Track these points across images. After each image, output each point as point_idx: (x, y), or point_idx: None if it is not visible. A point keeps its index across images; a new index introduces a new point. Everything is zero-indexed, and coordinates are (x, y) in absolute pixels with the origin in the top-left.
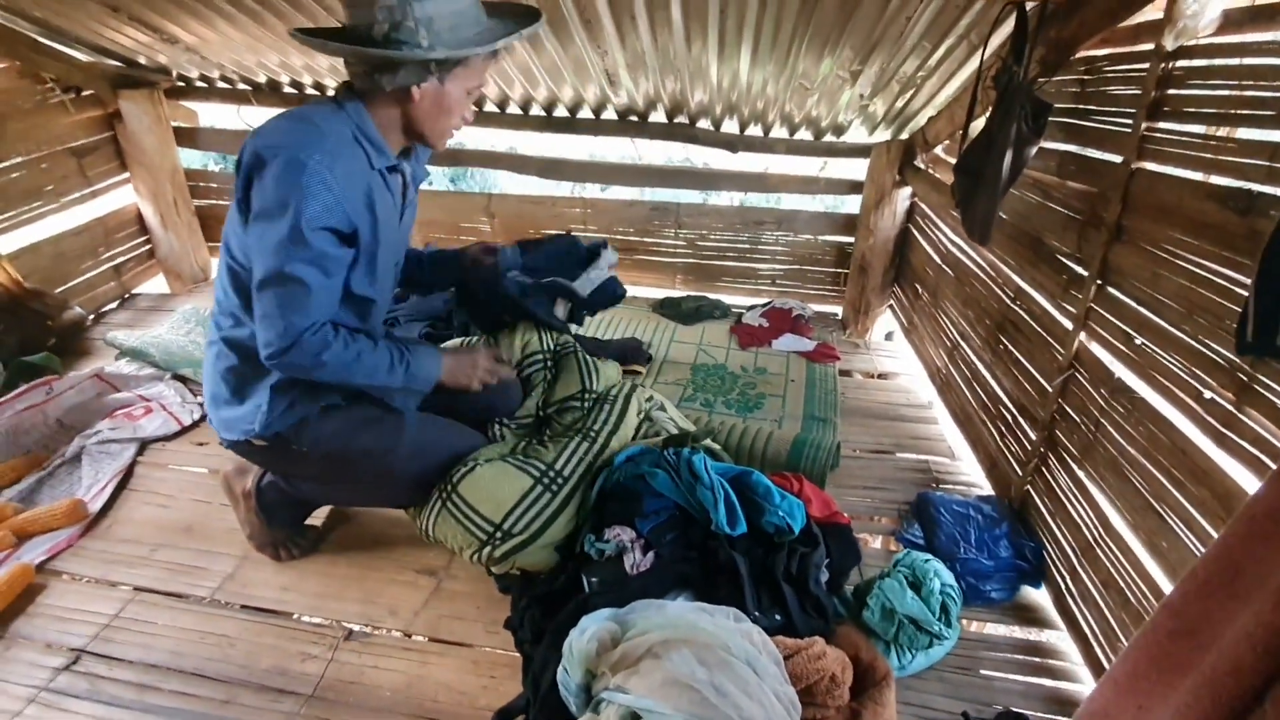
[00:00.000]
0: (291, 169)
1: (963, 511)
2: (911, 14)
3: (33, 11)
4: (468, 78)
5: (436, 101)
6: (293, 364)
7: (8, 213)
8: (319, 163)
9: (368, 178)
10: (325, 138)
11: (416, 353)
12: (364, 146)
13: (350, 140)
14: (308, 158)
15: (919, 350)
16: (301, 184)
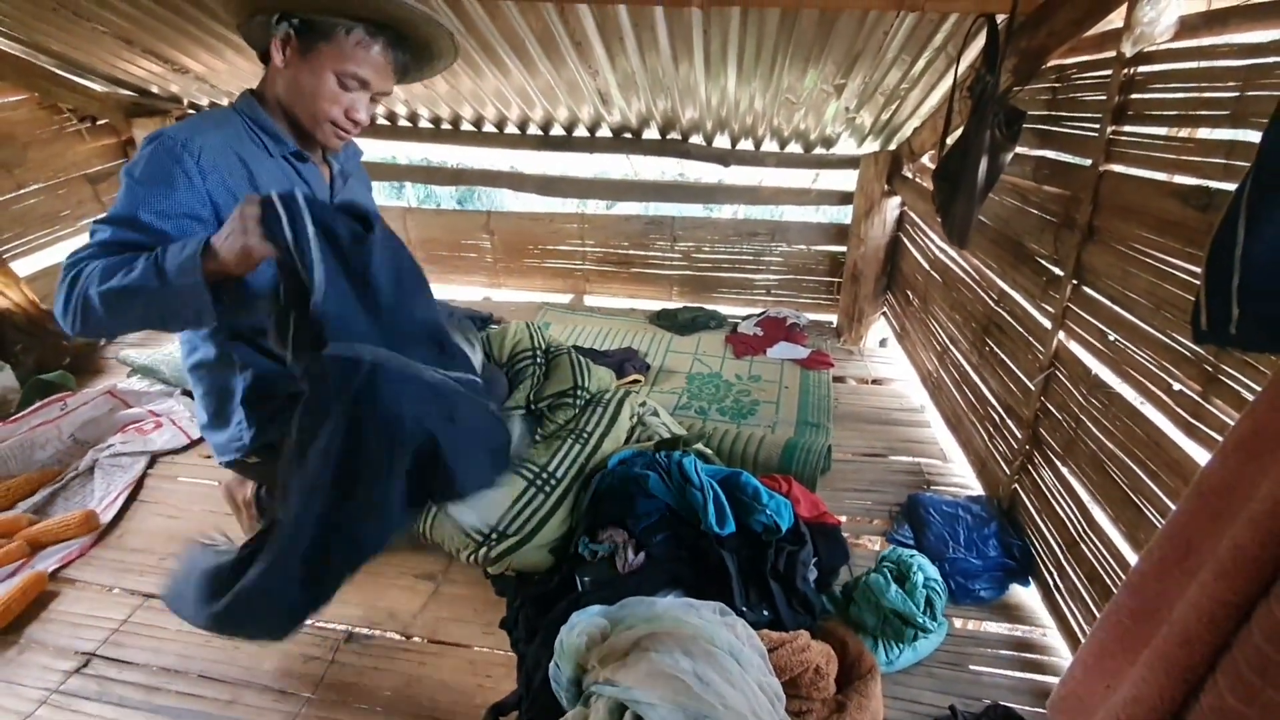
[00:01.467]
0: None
1: (951, 512)
2: (888, 29)
3: (51, 45)
4: (331, 57)
5: (296, 77)
6: (57, 309)
7: (26, 237)
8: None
9: (262, 167)
10: (201, 126)
11: (168, 257)
12: (257, 136)
13: (237, 132)
14: (168, 135)
15: (911, 355)
16: (144, 159)
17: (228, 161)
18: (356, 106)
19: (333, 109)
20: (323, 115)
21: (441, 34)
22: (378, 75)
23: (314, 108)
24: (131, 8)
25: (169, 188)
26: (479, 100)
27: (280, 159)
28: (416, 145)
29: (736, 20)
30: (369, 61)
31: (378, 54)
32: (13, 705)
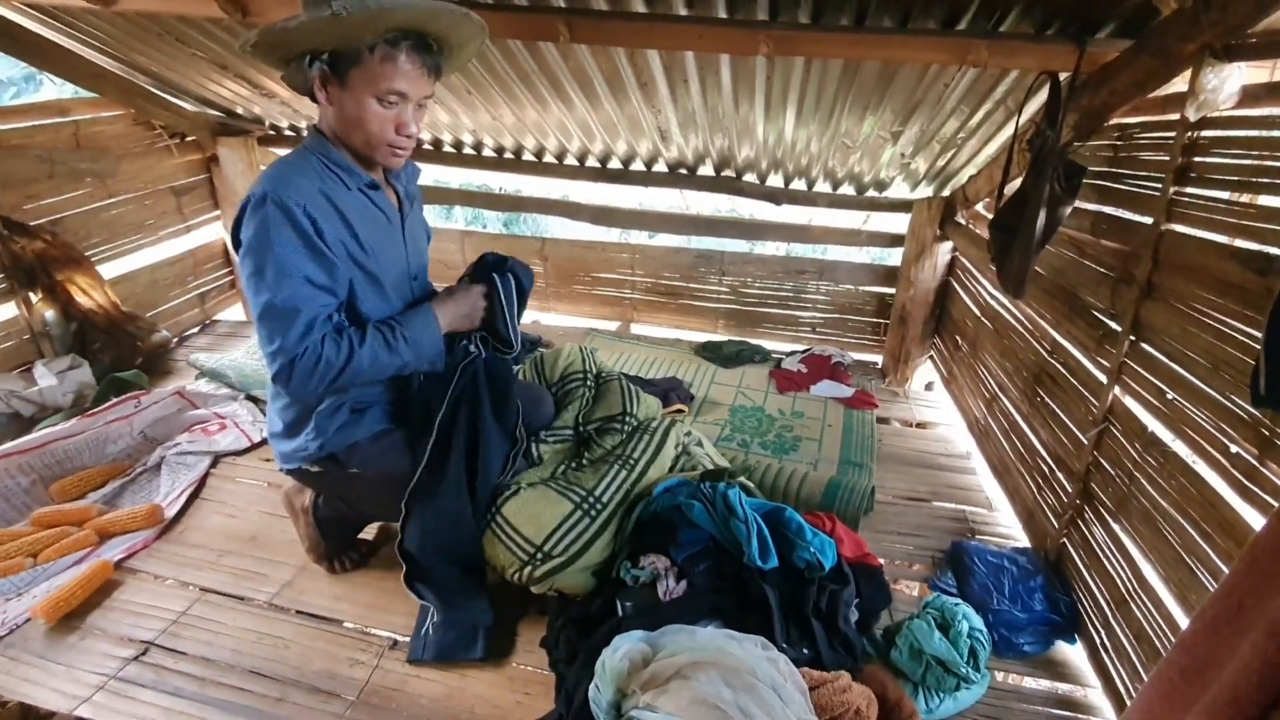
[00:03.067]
0: (256, 211)
1: (997, 562)
2: (949, 81)
3: (150, 66)
4: (362, 81)
5: (343, 109)
6: (299, 387)
7: (114, 242)
8: (282, 199)
9: (345, 201)
10: (289, 176)
11: (409, 320)
12: (334, 172)
13: (316, 171)
14: (264, 193)
15: (958, 400)
16: (268, 224)
17: (320, 203)
18: (403, 119)
19: (382, 130)
20: (375, 139)
21: (455, 20)
22: (412, 83)
23: (365, 134)
24: (229, 36)
25: (306, 246)
26: (542, 132)
27: (356, 191)
28: (476, 172)
29: (800, 67)
30: (399, 74)
31: (405, 63)
32: (72, 689)
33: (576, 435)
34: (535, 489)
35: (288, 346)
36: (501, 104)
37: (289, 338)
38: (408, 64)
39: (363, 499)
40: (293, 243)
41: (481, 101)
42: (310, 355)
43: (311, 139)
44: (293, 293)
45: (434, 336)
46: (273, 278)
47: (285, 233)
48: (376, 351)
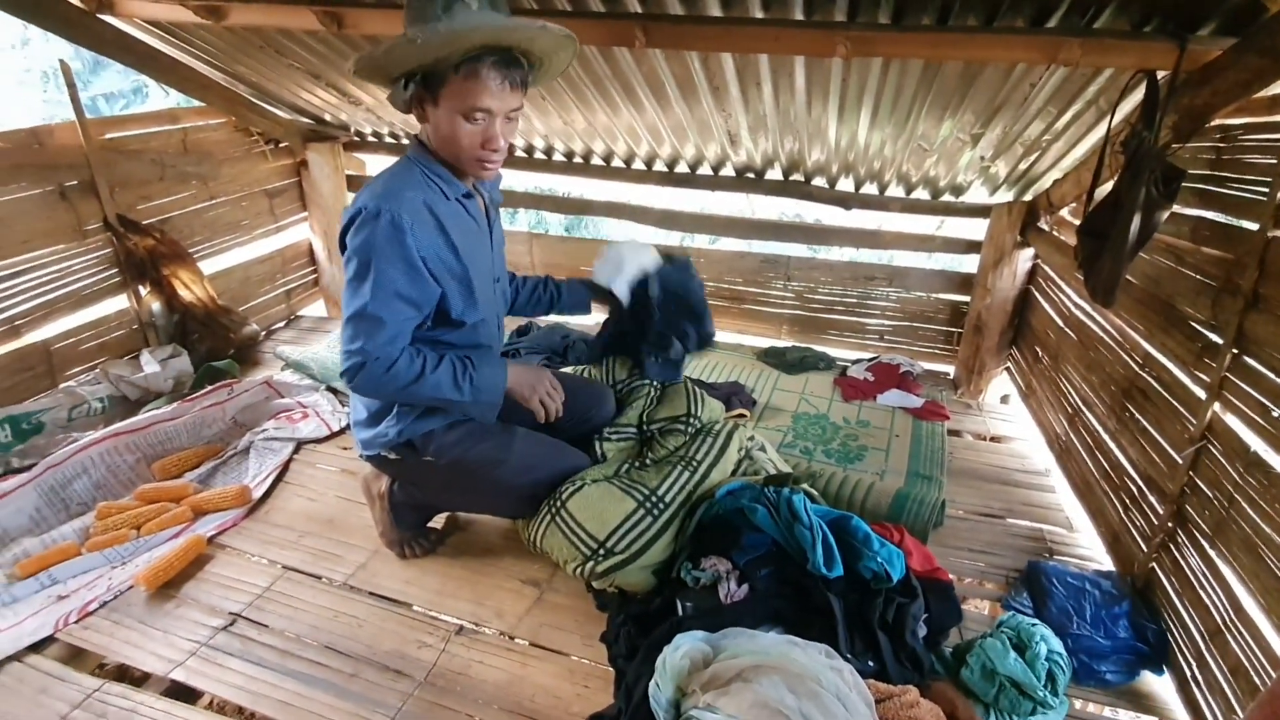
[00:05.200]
0: (367, 223)
1: (1078, 585)
2: (1036, 81)
3: (250, 77)
4: (451, 98)
5: (437, 125)
6: (363, 386)
7: (212, 241)
8: (388, 209)
9: (444, 210)
10: (398, 190)
11: (482, 365)
12: (435, 183)
13: (419, 182)
14: (378, 207)
15: (1037, 415)
16: (375, 237)
17: (423, 216)
18: (491, 134)
19: (471, 145)
20: (464, 154)
21: (532, 34)
22: (498, 99)
23: (455, 149)
24: (324, 48)
25: (406, 263)
26: (611, 136)
27: (454, 200)
28: (544, 176)
29: (878, 69)
30: (484, 90)
31: (489, 79)
32: (167, 653)
33: (640, 434)
34: (599, 485)
35: (368, 349)
36: (574, 109)
37: (372, 342)
38: (491, 80)
39: (435, 487)
40: (394, 258)
41: (555, 106)
42: (383, 362)
43: (414, 149)
44: (385, 304)
45: (496, 390)
46: (370, 288)
47: (389, 249)
48: (441, 380)
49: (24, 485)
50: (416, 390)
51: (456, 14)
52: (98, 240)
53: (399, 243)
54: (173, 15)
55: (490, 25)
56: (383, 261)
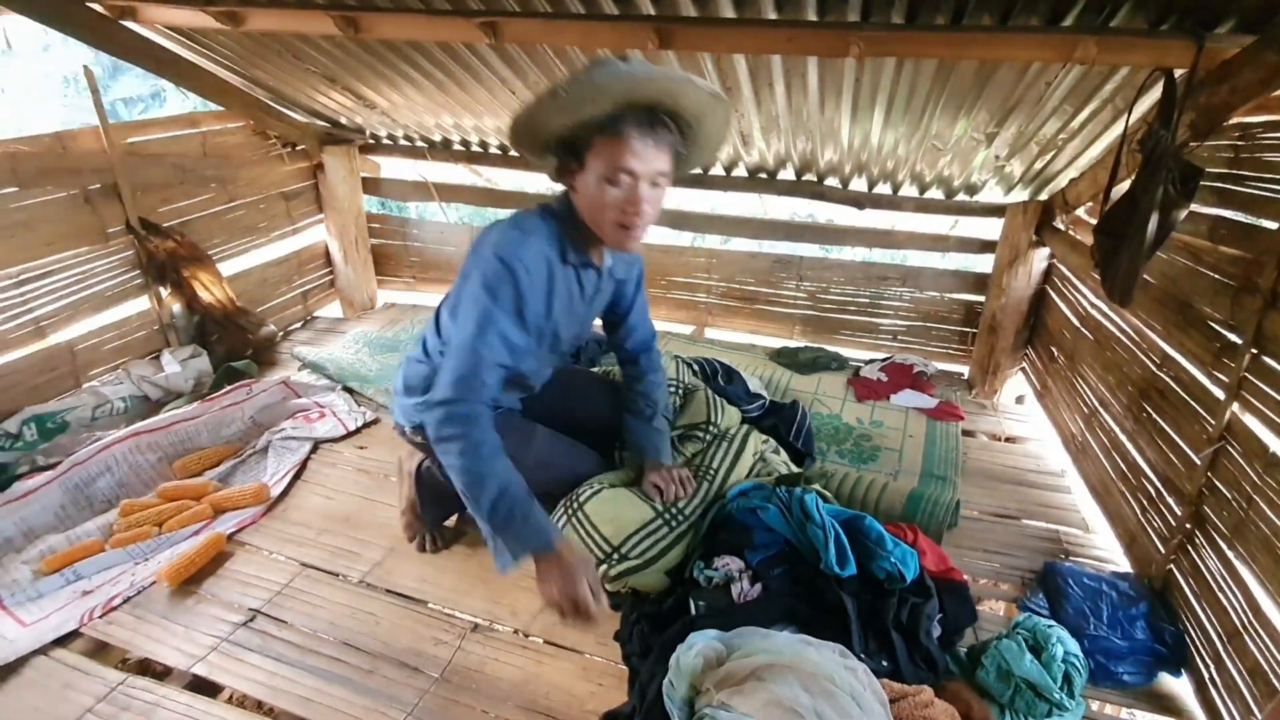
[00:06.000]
0: (492, 262)
1: (1095, 586)
2: (1051, 80)
3: (268, 81)
4: (597, 161)
5: (584, 191)
6: (433, 419)
7: (231, 243)
8: (513, 264)
9: (558, 273)
10: (525, 240)
11: (531, 517)
12: (560, 243)
13: (548, 238)
14: (508, 258)
15: (1052, 415)
16: (497, 278)
17: (541, 272)
18: (633, 198)
19: (613, 209)
20: (607, 219)
21: (679, 89)
22: (642, 160)
23: (597, 216)
24: (340, 52)
25: (514, 312)
26: None
27: (570, 266)
28: None
29: (891, 68)
30: (627, 150)
31: (631, 138)
32: (189, 648)
33: None
34: (618, 491)
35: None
36: None
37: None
38: (634, 139)
39: None
40: (505, 303)
41: None
42: (461, 418)
43: (559, 203)
44: (486, 343)
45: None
46: (477, 325)
47: (504, 291)
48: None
49: (49, 483)
50: (463, 467)
51: (610, 66)
52: (120, 243)
53: (514, 289)
54: (193, 21)
55: (630, 76)
56: (493, 302)
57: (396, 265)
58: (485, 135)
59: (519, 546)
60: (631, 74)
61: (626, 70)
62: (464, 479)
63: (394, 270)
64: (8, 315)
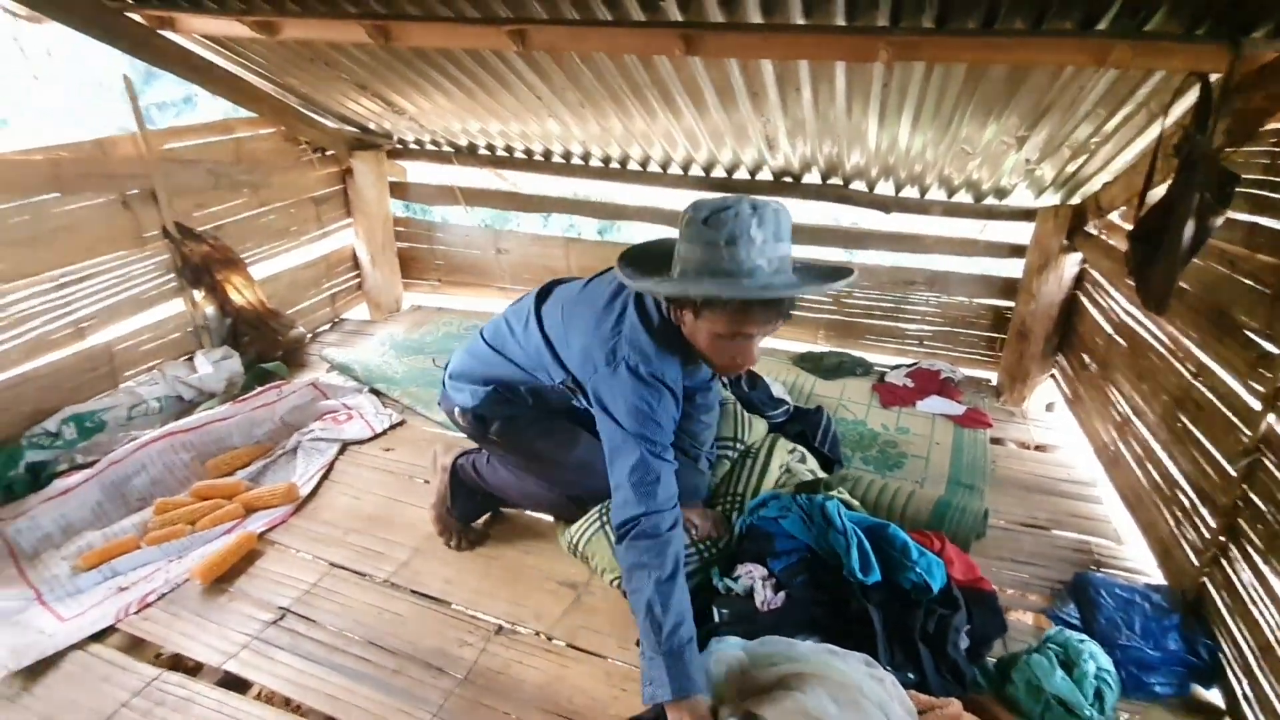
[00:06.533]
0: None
1: (1127, 597)
2: (1085, 84)
3: (300, 88)
4: (713, 322)
5: (693, 333)
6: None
7: (263, 247)
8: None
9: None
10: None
11: (696, 657)
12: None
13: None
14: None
15: (1084, 423)
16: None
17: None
18: (745, 352)
19: (722, 360)
20: (712, 362)
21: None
22: (759, 327)
23: (707, 353)
24: (371, 59)
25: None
26: (648, 141)
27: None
28: (581, 181)
29: (920, 72)
30: (747, 322)
31: (756, 316)
32: (221, 645)
33: None
34: None
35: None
36: (612, 115)
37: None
38: (758, 315)
39: (492, 465)
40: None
41: (593, 114)
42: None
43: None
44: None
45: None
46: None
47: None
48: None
49: (88, 481)
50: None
51: (740, 248)
52: (156, 247)
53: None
54: (229, 30)
55: (770, 294)
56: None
57: (422, 268)
58: (511, 140)
59: (676, 683)
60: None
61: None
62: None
63: (420, 273)
64: (50, 317)
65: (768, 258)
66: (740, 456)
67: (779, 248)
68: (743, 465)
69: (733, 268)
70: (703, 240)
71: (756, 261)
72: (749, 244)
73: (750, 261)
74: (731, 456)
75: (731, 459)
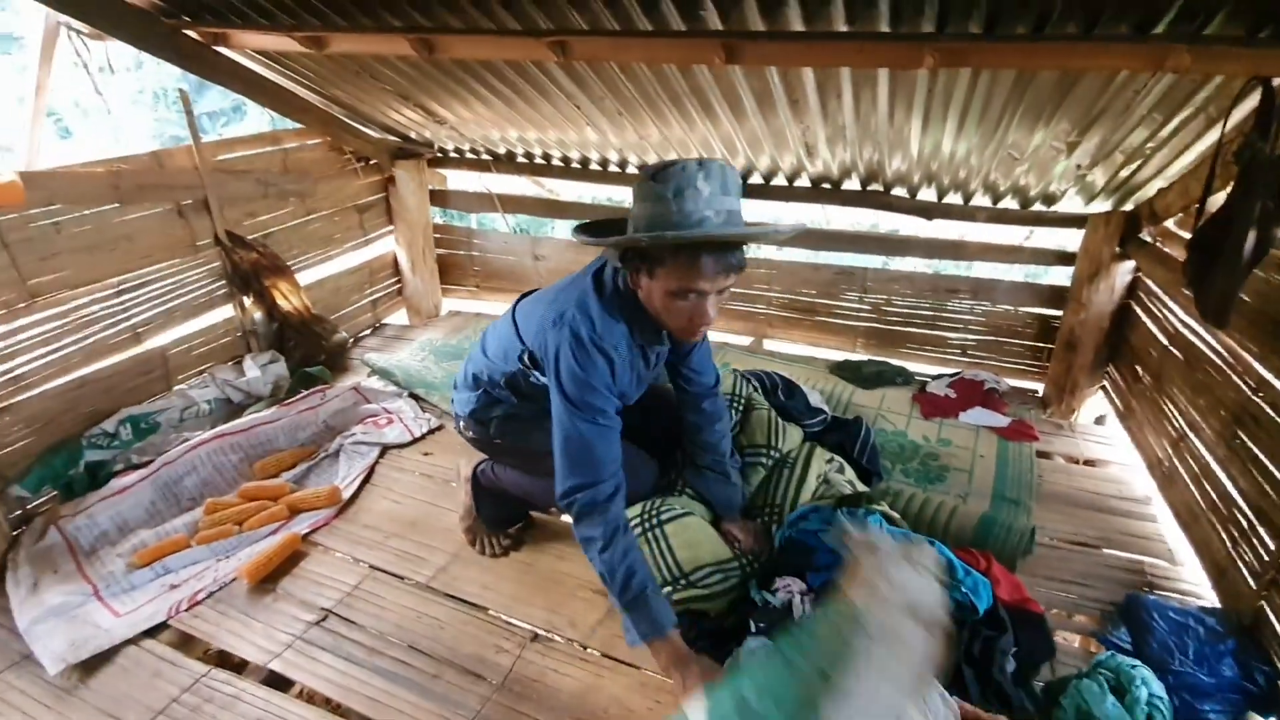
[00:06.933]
0: (572, 344)
1: (1181, 620)
2: (1140, 88)
3: (345, 99)
4: (666, 280)
5: (648, 296)
6: (568, 508)
7: (309, 254)
8: (604, 345)
9: (633, 351)
10: (610, 325)
11: (655, 601)
12: (632, 328)
13: (625, 323)
14: (595, 340)
15: (1136, 438)
16: (585, 363)
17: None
18: (700, 312)
19: (678, 320)
20: (669, 326)
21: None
22: (710, 281)
23: (664, 317)
24: (414, 71)
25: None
26: (685, 148)
27: (639, 346)
28: (616, 188)
29: (966, 77)
30: (699, 277)
31: (706, 266)
32: (266, 644)
33: None
34: (701, 523)
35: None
36: (649, 123)
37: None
38: (708, 267)
39: (502, 468)
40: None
41: (631, 122)
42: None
43: (625, 286)
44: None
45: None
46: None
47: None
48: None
49: (142, 481)
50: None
51: (686, 199)
52: (208, 254)
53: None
54: (279, 45)
55: (716, 235)
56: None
57: (461, 274)
58: (548, 148)
59: (642, 627)
60: (716, 231)
61: (712, 223)
62: (603, 569)
63: (458, 279)
64: (109, 322)
65: (715, 209)
66: (776, 465)
67: (726, 200)
68: (779, 475)
69: (680, 220)
70: (652, 196)
71: (705, 212)
72: (696, 195)
73: (698, 212)
74: (765, 464)
75: (765, 466)
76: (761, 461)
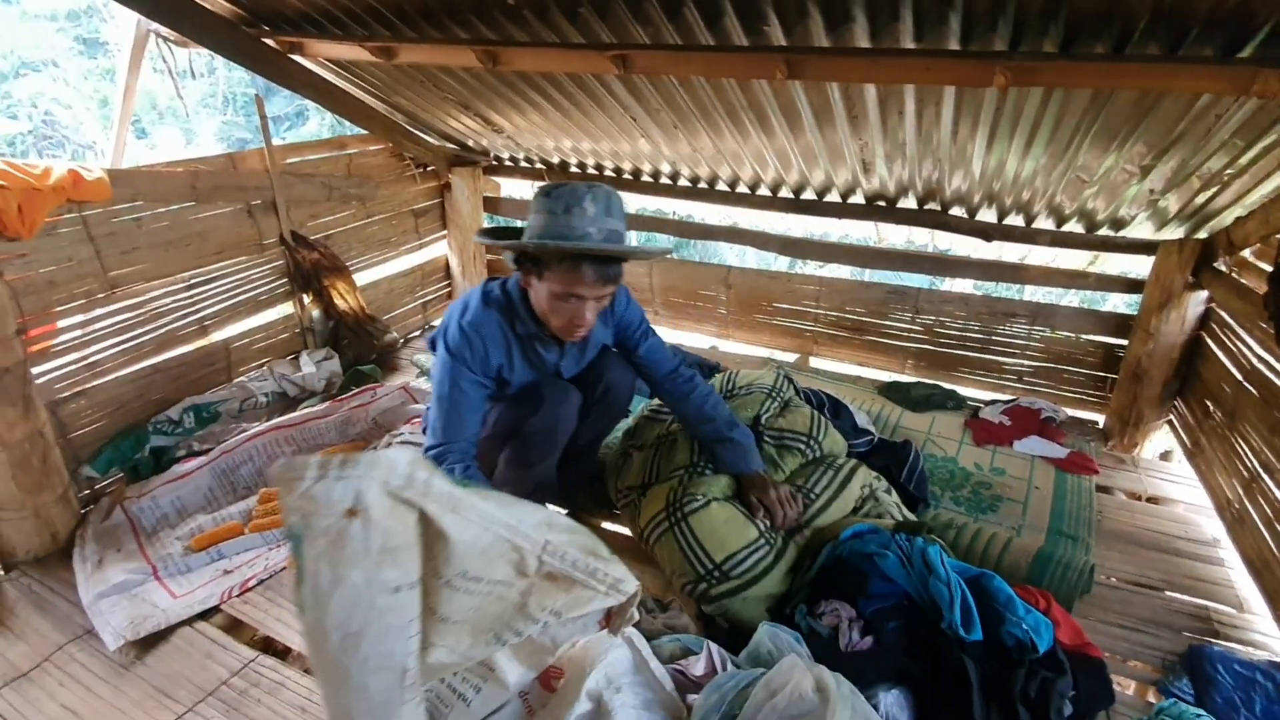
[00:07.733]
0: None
1: (1248, 675)
2: (1222, 112)
3: (408, 107)
4: (551, 282)
5: (537, 297)
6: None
7: (366, 256)
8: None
9: (512, 338)
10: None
11: None
12: (510, 318)
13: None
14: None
15: (1205, 477)
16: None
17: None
18: (579, 315)
19: (559, 321)
20: (552, 324)
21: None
22: (590, 289)
23: (547, 316)
24: (476, 81)
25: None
26: (738, 161)
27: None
28: (665, 200)
29: (1038, 96)
30: (579, 283)
31: (586, 274)
32: None
33: (756, 433)
34: (723, 506)
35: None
36: (704, 134)
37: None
38: (588, 275)
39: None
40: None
41: (685, 134)
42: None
43: (516, 285)
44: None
45: None
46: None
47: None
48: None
49: (202, 467)
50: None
51: (574, 216)
52: (273, 253)
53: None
54: (351, 55)
55: (594, 248)
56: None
57: None
58: (600, 158)
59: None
60: (596, 243)
61: (594, 238)
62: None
63: None
64: (180, 315)
65: (598, 227)
66: (817, 461)
67: (609, 221)
68: (819, 469)
69: (566, 231)
70: (545, 210)
71: (588, 229)
72: (582, 213)
73: (582, 228)
74: (803, 450)
75: (804, 454)
76: (799, 448)
